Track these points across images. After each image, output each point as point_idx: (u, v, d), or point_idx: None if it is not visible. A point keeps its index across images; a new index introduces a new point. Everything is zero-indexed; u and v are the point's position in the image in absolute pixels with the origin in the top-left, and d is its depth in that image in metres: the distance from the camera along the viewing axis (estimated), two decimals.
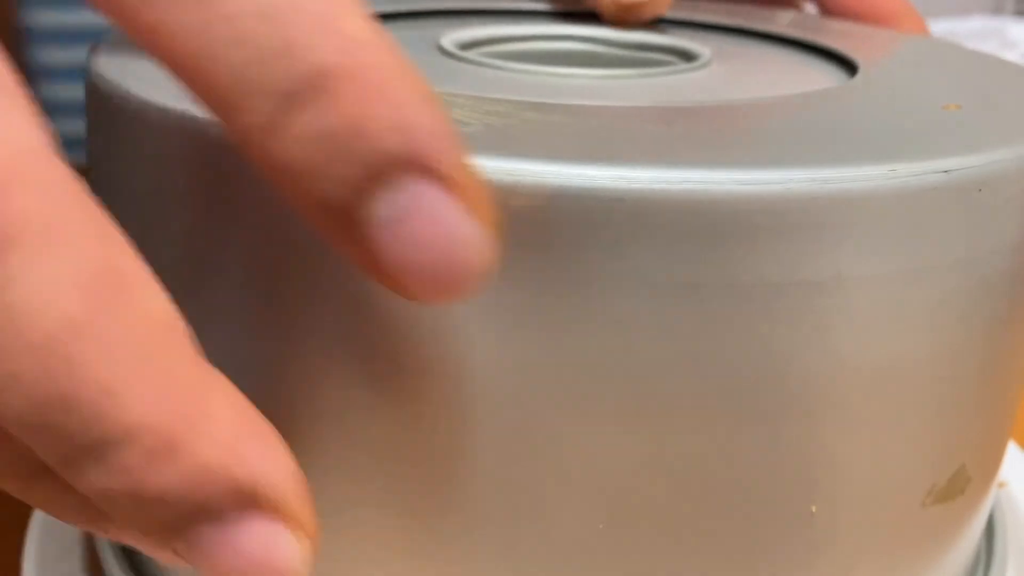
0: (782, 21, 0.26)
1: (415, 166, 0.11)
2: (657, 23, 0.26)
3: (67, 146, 0.12)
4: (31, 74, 0.55)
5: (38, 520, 0.23)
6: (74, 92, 0.55)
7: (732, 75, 0.21)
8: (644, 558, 0.16)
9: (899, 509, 0.17)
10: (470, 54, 0.22)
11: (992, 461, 0.19)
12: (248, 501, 0.12)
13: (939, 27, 0.66)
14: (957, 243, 0.15)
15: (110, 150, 0.17)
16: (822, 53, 0.24)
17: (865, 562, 0.17)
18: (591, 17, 0.26)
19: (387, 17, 0.26)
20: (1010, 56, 0.61)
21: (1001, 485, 0.25)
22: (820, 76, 0.22)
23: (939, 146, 0.15)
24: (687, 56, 0.23)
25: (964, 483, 0.18)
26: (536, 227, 0.14)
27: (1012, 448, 0.26)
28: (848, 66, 0.22)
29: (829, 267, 0.14)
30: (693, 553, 0.16)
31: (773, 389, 0.15)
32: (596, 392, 0.15)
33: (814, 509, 0.16)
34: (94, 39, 0.20)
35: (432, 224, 0.11)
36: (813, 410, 0.15)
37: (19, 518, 0.23)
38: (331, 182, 0.11)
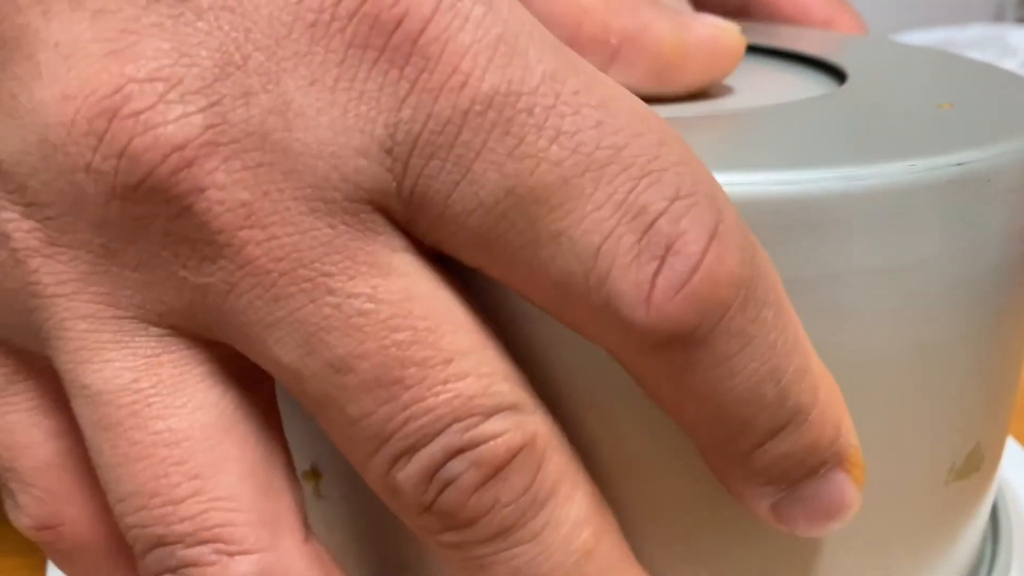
0: (757, 31, 0.27)
1: (836, 462, 0.15)
2: None
3: None
4: None
5: None
6: None
7: (732, 85, 0.22)
8: (687, 544, 0.16)
9: (925, 487, 0.18)
10: None
11: (1000, 439, 0.20)
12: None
13: (940, 34, 0.65)
14: (967, 231, 0.16)
15: None
16: (803, 60, 0.25)
17: (895, 538, 0.18)
18: None
19: None
20: (1010, 63, 0.58)
21: None
22: (812, 83, 0.23)
23: (948, 141, 0.16)
24: None
25: (979, 460, 0.19)
26: None
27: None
28: (833, 72, 0.23)
29: (857, 259, 0.15)
30: (738, 537, 0.16)
31: None
32: (622, 395, 0.15)
33: None
34: None
35: (835, 496, 0.15)
36: (848, 398, 0.16)
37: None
38: (783, 481, 0.15)
